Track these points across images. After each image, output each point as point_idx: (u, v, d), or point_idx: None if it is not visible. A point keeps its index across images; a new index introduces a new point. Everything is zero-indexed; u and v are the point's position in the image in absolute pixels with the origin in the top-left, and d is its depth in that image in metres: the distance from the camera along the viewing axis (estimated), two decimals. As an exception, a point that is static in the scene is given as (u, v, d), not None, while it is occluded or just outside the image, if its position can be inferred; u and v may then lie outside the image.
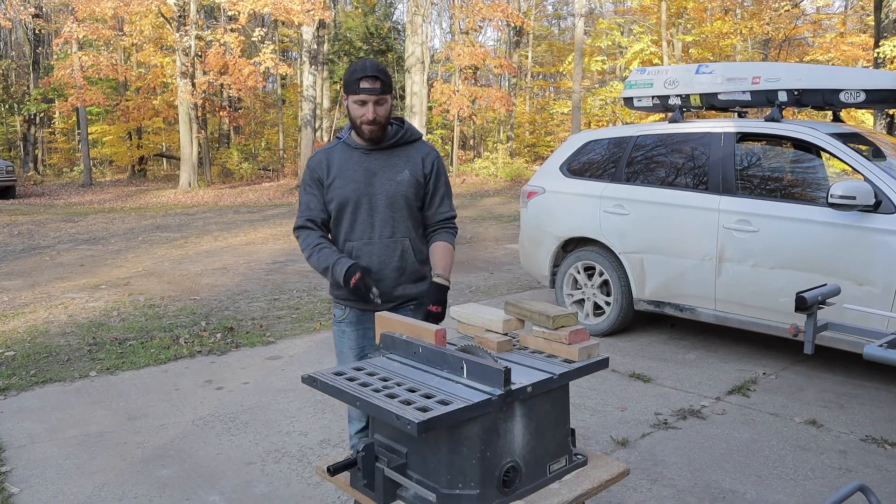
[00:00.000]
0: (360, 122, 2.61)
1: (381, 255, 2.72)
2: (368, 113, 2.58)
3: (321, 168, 2.74)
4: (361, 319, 2.80)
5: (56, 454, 3.77)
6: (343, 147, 2.75)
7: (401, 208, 2.73)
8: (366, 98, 2.57)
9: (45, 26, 29.10)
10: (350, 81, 2.59)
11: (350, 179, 2.69)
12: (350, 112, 2.65)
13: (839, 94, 5.03)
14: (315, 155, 2.78)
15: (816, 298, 2.34)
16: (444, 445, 1.72)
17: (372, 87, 2.56)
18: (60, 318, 6.66)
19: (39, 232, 13.26)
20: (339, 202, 2.70)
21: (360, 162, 2.71)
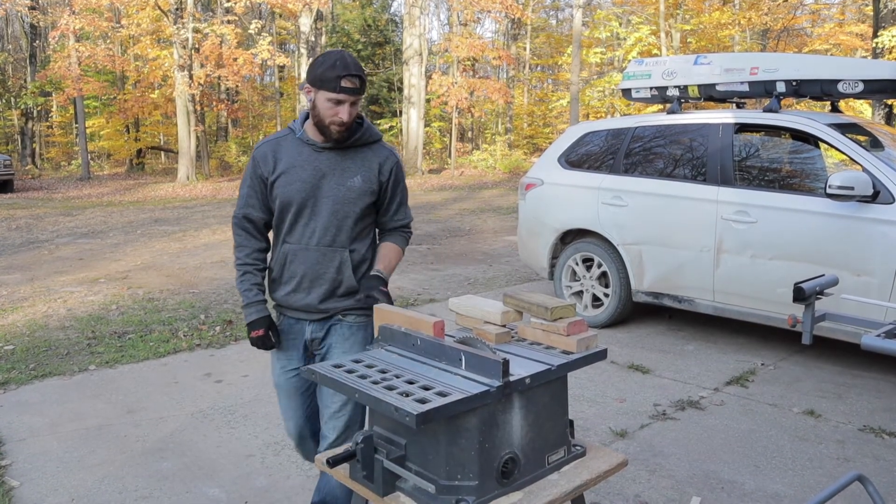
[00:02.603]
0: (330, 122, 2.37)
1: (317, 263, 2.49)
2: (343, 114, 2.35)
3: (266, 163, 2.48)
4: (293, 328, 2.62)
5: (56, 447, 3.77)
6: (294, 140, 2.49)
7: (345, 217, 2.48)
8: (344, 98, 2.33)
9: (42, 19, 29.00)
10: (328, 77, 2.31)
11: (296, 179, 2.44)
12: (318, 109, 2.37)
13: (837, 84, 5.02)
14: (260, 146, 2.51)
15: (814, 289, 2.34)
16: (442, 437, 1.73)
17: (353, 88, 2.33)
18: (59, 311, 6.66)
19: (38, 226, 13.25)
20: (282, 202, 2.47)
21: (310, 160, 2.46)
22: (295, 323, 2.58)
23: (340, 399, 2.52)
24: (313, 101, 2.39)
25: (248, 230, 2.57)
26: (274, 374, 2.66)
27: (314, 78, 2.35)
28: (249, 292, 2.53)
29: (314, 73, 2.35)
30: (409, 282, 7.90)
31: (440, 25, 39.80)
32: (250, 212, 2.56)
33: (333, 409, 2.53)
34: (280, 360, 2.61)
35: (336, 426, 2.53)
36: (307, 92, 2.40)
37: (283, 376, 2.63)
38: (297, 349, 2.59)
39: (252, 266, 2.56)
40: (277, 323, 2.60)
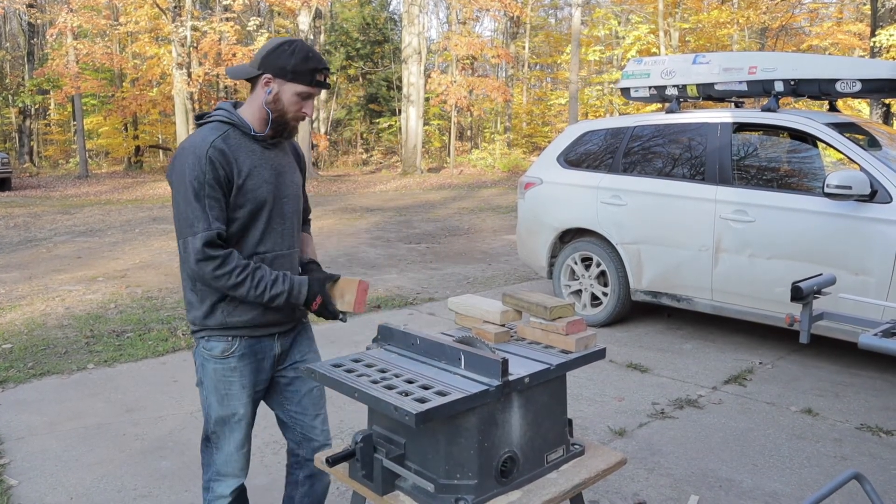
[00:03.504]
0: (293, 117, 2.20)
1: (291, 268, 2.32)
2: (308, 110, 2.22)
3: (227, 163, 2.13)
4: (255, 349, 2.29)
5: (55, 446, 3.78)
6: (240, 136, 2.20)
7: (297, 215, 2.36)
8: (314, 93, 2.19)
9: (40, 16, 28.96)
10: (301, 70, 2.14)
11: (262, 180, 2.20)
12: (282, 102, 2.17)
13: (835, 83, 5.03)
14: (210, 145, 2.11)
15: (812, 288, 2.35)
16: (442, 436, 1.73)
17: (326, 83, 2.22)
18: (58, 310, 6.66)
19: (36, 224, 13.23)
20: (254, 207, 2.18)
21: (265, 158, 2.23)
22: (259, 342, 2.29)
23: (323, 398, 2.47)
24: (275, 93, 2.16)
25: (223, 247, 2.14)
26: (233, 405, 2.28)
27: (281, 69, 2.14)
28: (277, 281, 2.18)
29: (281, 63, 2.14)
30: (408, 281, 7.91)
31: (439, 24, 39.81)
32: (220, 228, 2.11)
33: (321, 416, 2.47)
34: (247, 388, 2.29)
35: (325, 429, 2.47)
36: (267, 83, 2.17)
37: (250, 403, 2.31)
38: (266, 370, 2.34)
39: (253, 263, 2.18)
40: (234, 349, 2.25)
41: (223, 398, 2.27)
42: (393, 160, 31.41)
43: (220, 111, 2.21)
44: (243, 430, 2.32)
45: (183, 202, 2.10)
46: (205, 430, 2.35)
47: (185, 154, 2.11)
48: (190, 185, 2.08)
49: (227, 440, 2.31)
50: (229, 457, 2.32)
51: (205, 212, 2.09)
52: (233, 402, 2.27)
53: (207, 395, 2.29)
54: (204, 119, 2.22)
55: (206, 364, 2.27)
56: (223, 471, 2.34)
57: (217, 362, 2.25)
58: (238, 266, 2.12)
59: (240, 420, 2.30)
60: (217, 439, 2.31)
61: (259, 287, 2.15)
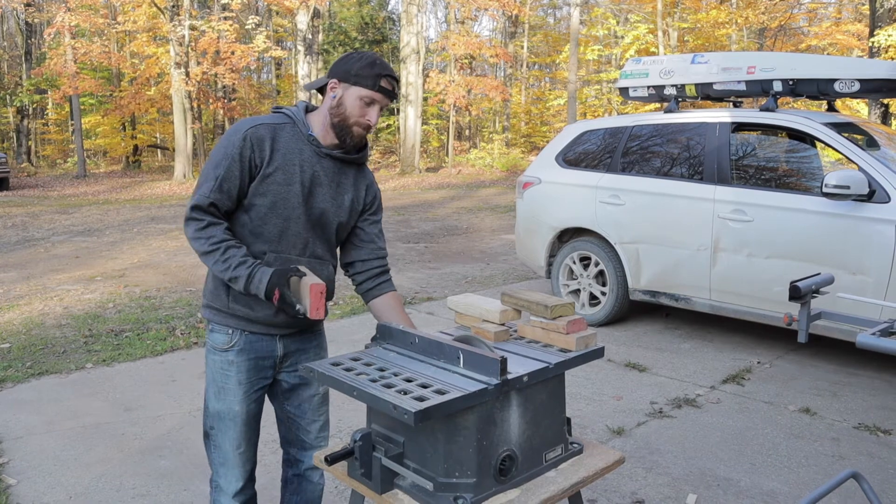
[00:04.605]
0: (356, 122, 2.16)
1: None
2: (373, 117, 2.16)
3: (261, 148, 2.12)
4: (254, 346, 2.26)
5: (53, 446, 3.77)
6: (295, 134, 2.19)
7: (334, 230, 2.30)
8: (378, 99, 2.15)
9: (38, 16, 28.93)
10: (366, 74, 2.12)
11: (294, 179, 2.16)
12: (345, 106, 2.15)
13: (834, 83, 5.04)
14: (255, 126, 2.13)
15: (810, 288, 2.35)
16: (440, 435, 1.73)
17: (390, 90, 2.17)
18: (56, 310, 6.65)
19: (34, 224, 13.22)
20: (273, 202, 2.15)
21: (310, 162, 2.19)
22: (259, 340, 2.26)
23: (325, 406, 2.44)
24: (339, 97, 2.15)
25: (214, 215, 2.13)
26: (229, 401, 2.26)
27: (345, 73, 2.14)
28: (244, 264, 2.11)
29: (347, 67, 2.14)
30: (407, 280, 7.91)
31: (438, 23, 39.84)
32: (219, 199, 2.12)
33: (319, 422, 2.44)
34: (243, 385, 2.27)
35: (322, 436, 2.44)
36: (332, 87, 2.17)
37: (245, 401, 2.28)
38: (265, 370, 2.31)
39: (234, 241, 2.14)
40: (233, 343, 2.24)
41: (220, 391, 2.26)
42: (391, 160, 31.40)
43: (292, 108, 2.24)
44: (239, 428, 2.28)
45: (206, 167, 2.15)
46: (204, 424, 2.34)
47: (232, 128, 2.16)
48: (217, 152, 2.13)
49: (223, 437, 2.29)
50: (227, 456, 2.30)
51: (215, 180, 2.10)
52: (228, 397, 2.26)
53: (208, 387, 2.30)
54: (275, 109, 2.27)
55: (209, 355, 2.29)
56: (222, 470, 2.32)
57: (217, 354, 2.25)
58: (215, 236, 2.11)
59: (234, 417, 2.27)
60: (215, 436, 2.30)
61: (225, 263, 2.10)
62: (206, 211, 2.11)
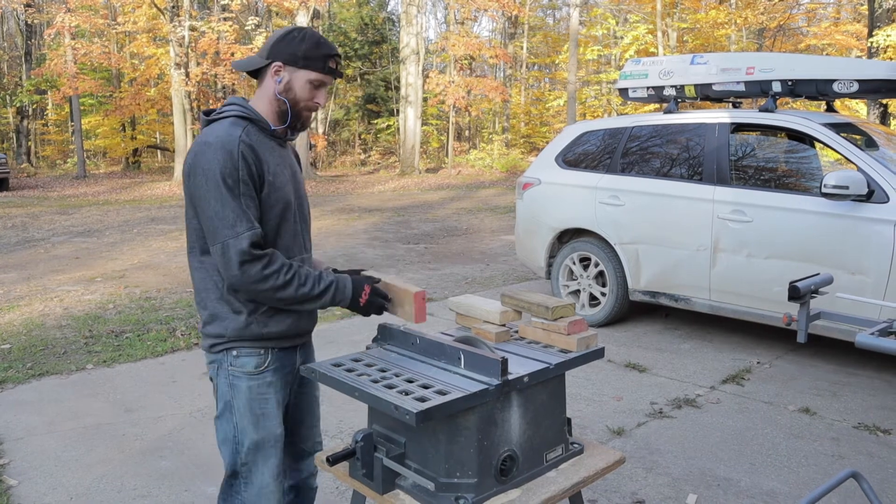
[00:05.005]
0: (305, 106, 2.07)
1: None
2: (321, 99, 2.08)
3: (257, 160, 1.96)
4: (285, 361, 2.13)
5: (54, 446, 3.78)
6: (257, 132, 2.03)
7: (310, 215, 2.24)
8: (326, 81, 2.07)
9: (38, 16, 28.94)
10: (314, 56, 2.02)
11: (285, 178, 2.07)
12: (294, 91, 2.04)
13: (833, 84, 5.04)
14: (231, 138, 1.93)
15: (809, 288, 2.36)
16: (442, 435, 1.74)
17: (337, 71, 2.09)
18: (56, 310, 6.66)
19: (34, 224, 13.23)
20: (282, 207, 2.04)
21: (283, 156, 2.10)
22: (286, 354, 2.14)
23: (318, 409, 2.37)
24: (286, 81, 2.03)
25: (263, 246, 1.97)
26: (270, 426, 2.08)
27: (292, 55, 2.01)
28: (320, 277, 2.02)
29: (292, 49, 2.01)
30: (407, 281, 7.91)
31: (437, 24, 39.85)
32: (257, 231, 1.93)
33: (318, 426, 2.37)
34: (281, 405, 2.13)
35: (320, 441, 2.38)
36: (276, 71, 2.03)
37: (282, 422, 2.13)
38: (290, 384, 2.20)
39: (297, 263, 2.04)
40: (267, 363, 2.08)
41: (259, 419, 2.05)
42: (391, 160, 31.42)
43: (235, 106, 2.03)
44: (279, 453, 2.11)
45: (216, 202, 1.89)
46: (231, 464, 2.09)
47: (210, 149, 1.90)
48: (223, 182, 1.89)
49: (261, 469, 2.08)
50: (264, 488, 2.09)
51: (244, 211, 1.91)
52: (269, 423, 2.07)
53: (239, 421, 2.05)
54: (216, 114, 2.03)
55: (237, 383, 2.04)
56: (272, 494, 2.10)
57: (252, 379, 2.04)
58: (284, 264, 1.96)
59: (276, 442, 2.10)
60: (249, 472, 2.08)
61: (307, 284, 1.98)
62: (259, 245, 1.93)
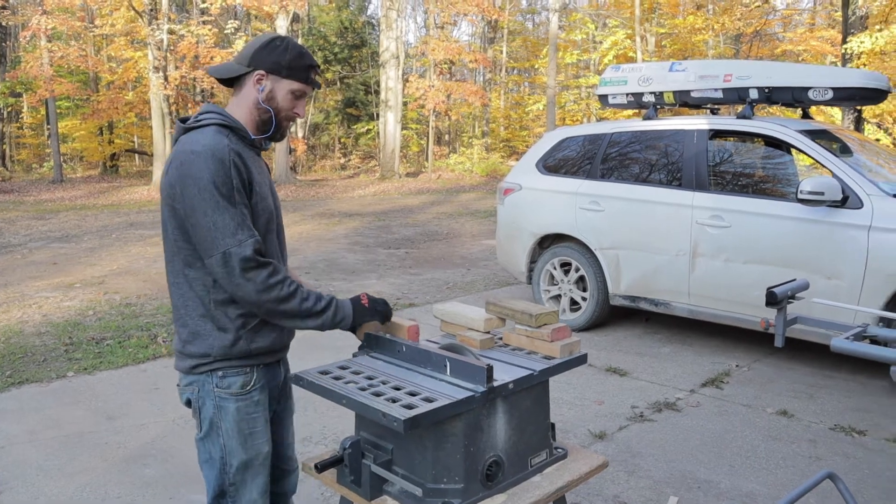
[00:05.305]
0: (286, 116, 2.05)
1: None
2: (301, 109, 2.07)
3: (246, 170, 1.92)
4: (270, 377, 2.08)
5: (35, 455, 3.75)
6: (238, 140, 1.97)
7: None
8: (307, 92, 2.07)
9: (12, 18, 28.58)
10: (299, 66, 2.01)
11: (266, 188, 2.04)
12: (276, 101, 2.02)
13: (808, 91, 5.14)
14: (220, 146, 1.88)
15: (786, 293, 2.42)
16: (429, 441, 1.77)
17: (317, 82, 2.10)
18: (35, 317, 6.59)
19: (10, 230, 13.07)
20: (267, 217, 2.00)
21: (261, 165, 2.07)
22: (270, 369, 2.09)
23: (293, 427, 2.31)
24: (269, 90, 2.00)
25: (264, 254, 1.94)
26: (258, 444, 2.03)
27: (275, 64, 1.98)
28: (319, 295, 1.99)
29: (275, 58, 1.99)
30: (388, 286, 7.93)
31: (417, 28, 39.88)
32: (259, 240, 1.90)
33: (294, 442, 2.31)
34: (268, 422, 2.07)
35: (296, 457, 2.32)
36: (259, 80, 2.00)
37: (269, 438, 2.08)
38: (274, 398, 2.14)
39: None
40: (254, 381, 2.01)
41: (247, 439, 2.00)
42: (371, 165, 31.39)
43: (213, 114, 1.97)
44: (267, 471, 2.07)
45: (213, 211, 1.84)
46: (219, 484, 2.02)
47: (200, 158, 1.85)
48: (217, 191, 1.84)
49: (249, 488, 2.03)
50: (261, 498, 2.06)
51: (243, 219, 1.87)
52: (257, 441, 2.02)
53: (227, 441, 1.98)
54: (194, 122, 1.97)
55: (224, 405, 1.97)
56: None
57: (239, 399, 1.98)
58: (287, 276, 1.92)
59: (265, 460, 2.05)
60: (237, 491, 2.02)
61: (309, 299, 1.94)
62: (261, 252, 1.89)
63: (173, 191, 1.88)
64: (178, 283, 1.97)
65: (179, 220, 1.90)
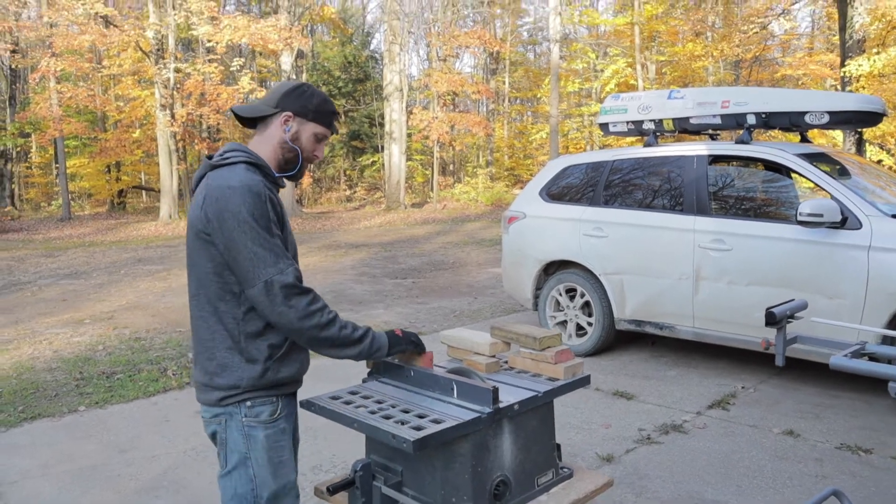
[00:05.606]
0: (307, 157, 2.14)
1: None
2: (321, 152, 2.17)
3: (280, 207, 2.03)
4: (291, 407, 2.11)
5: (49, 489, 3.79)
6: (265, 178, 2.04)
7: None
8: (328, 136, 2.17)
9: (22, 62, 29.09)
10: (326, 112, 2.13)
11: (288, 226, 2.09)
12: (301, 142, 2.11)
13: (805, 115, 5.23)
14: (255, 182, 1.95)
15: (785, 313, 2.47)
16: (438, 462, 1.82)
17: (337, 128, 2.21)
18: (45, 353, 6.66)
19: (19, 267, 13.20)
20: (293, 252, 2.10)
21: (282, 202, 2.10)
22: (290, 400, 2.10)
23: None
24: (294, 132, 2.10)
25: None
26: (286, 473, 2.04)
27: (303, 108, 2.10)
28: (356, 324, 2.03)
29: (304, 103, 2.10)
30: (396, 316, 7.98)
31: (420, 61, 40.35)
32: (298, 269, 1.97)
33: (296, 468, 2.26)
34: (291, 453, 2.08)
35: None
36: (286, 121, 2.09)
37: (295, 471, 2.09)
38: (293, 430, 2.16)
39: None
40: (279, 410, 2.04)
41: (277, 468, 2.01)
42: (376, 196, 31.60)
43: (240, 153, 2.03)
44: (293, 499, 2.07)
45: (253, 243, 1.89)
46: None
47: (237, 193, 1.91)
48: (257, 223, 1.90)
49: None
50: None
51: (282, 249, 1.94)
52: (285, 470, 2.03)
53: (258, 472, 1.99)
54: (220, 160, 2.02)
55: (253, 434, 1.99)
56: None
57: (268, 428, 2.00)
58: (326, 304, 1.97)
59: (292, 489, 2.05)
60: None
61: (347, 327, 1.99)
62: (301, 280, 1.96)
63: (210, 226, 1.93)
64: (205, 316, 2.00)
65: (213, 254, 1.94)
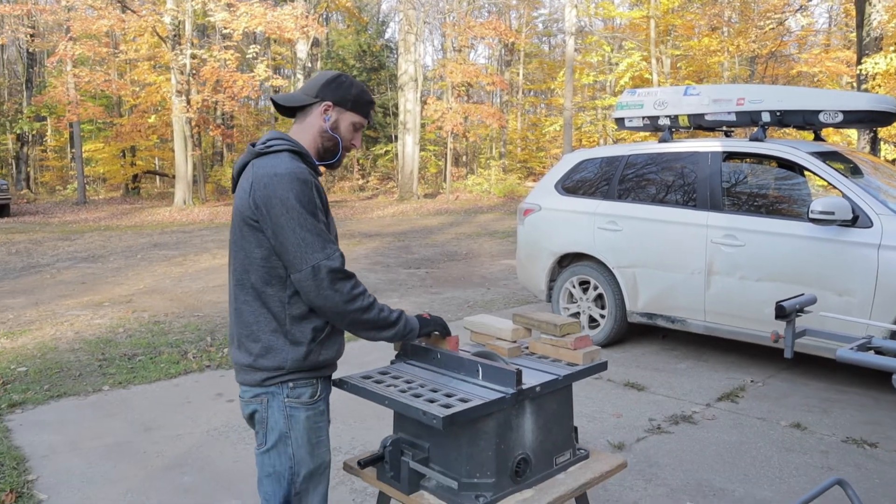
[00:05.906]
0: (345, 146, 2.20)
1: None
2: (358, 141, 2.23)
3: (321, 190, 2.08)
4: (328, 386, 2.18)
5: (78, 463, 3.94)
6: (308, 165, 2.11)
7: None
8: (364, 125, 2.23)
9: (40, 45, 29.31)
10: (364, 102, 2.19)
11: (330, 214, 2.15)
12: (341, 130, 2.18)
13: (819, 114, 5.30)
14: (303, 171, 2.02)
15: (794, 307, 2.56)
16: (463, 439, 1.93)
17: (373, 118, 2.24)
18: (67, 334, 6.82)
19: (37, 250, 13.40)
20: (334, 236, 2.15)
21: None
22: (326, 382, 2.18)
23: None
24: (334, 121, 2.15)
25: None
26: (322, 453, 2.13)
27: (343, 98, 2.15)
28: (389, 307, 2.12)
29: (343, 93, 2.16)
30: (410, 305, 8.10)
31: (434, 51, 40.44)
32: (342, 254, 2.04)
33: None
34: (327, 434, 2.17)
35: None
36: (326, 110, 2.15)
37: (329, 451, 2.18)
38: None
39: None
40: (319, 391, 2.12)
41: (314, 448, 2.10)
42: (389, 186, 31.72)
43: (283, 141, 2.09)
44: (327, 479, 2.17)
45: (301, 228, 1.96)
46: (283, 495, 2.09)
47: (284, 180, 1.97)
48: (305, 209, 1.97)
49: (312, 496, 2.13)
50: None
51: (328, 235, 2.01)
52: (321, 450, 2.12)
53: (296, 451, 2.08)
54: (264, 147, 2.08)
55: (295, 414, 2.07)
56: None
57: (309, 409, 2.08)
58: (366, 288, 2.05)
59: (326, 468, 2.16)
60: (300, 501, 2.11)
61: (385, 310, 2.08)
62: (345, 264, 2.02)
63: (258, 212, 1.99)
64: (249, 300, 2.06)
65: (261, 240, 2.00)
